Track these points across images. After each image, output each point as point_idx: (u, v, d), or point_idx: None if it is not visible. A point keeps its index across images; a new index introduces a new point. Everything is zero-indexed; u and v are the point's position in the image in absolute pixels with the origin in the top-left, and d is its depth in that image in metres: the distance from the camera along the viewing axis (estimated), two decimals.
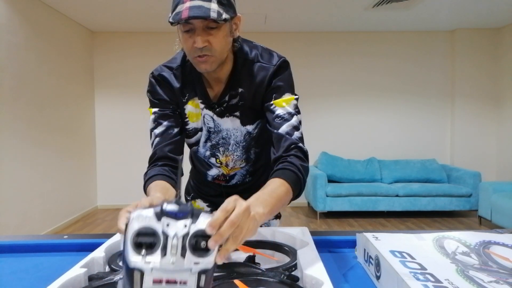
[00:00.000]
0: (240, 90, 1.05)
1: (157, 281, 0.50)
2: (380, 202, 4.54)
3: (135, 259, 0.50)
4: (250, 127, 1.10)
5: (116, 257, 0.84)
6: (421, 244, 0.81)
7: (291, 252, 0.86)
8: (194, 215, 0.51)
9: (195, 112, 1.09)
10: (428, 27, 5.08)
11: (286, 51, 5.24)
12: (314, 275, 0.68)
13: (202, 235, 0.51)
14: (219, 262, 0.53)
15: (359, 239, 0.90)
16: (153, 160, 1.03)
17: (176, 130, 1.06)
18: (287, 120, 0.99)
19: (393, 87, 5.32)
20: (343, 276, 0.83)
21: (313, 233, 1.03)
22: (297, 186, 0.90)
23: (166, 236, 0.50)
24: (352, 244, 0.99)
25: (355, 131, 5.34)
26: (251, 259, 0.82)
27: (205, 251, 0.51)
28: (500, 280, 0.64)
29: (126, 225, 0.51)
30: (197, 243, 0.51)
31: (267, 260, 0.86)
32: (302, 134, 1.00)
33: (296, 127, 0.99)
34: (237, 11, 0.98)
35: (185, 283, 0.51)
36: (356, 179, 4.87)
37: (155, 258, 0.50)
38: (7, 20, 3.37)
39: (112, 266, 0.79)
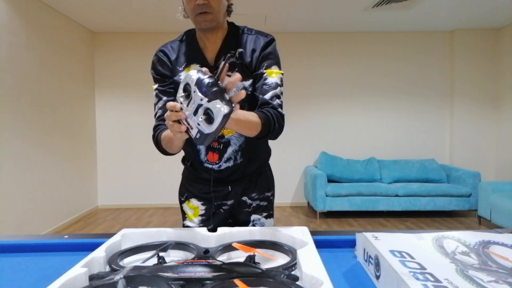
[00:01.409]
0: (232, 52, 1.20)
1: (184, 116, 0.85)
2: (380, 202, 4.54)
3: (179, 95, 0.86)
4: (246, 83, 1.22)
5: (117, 257, 0.84)
6: (421, 244, 0.82)
7: (291, 251, 0.86)
8: (210, 96, 0.79)
9: None
10: (427, 27, 5.08)
11: (286, 51, 5.24)
12: (314, 275, 0.68)
13: (206, 111, 0.81)
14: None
15: (359, 239, 0.90)
16: (157, 125, 1.22)
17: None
18: (274, 88, 1.18)
19: (393, 87, 5.32)
20: (342, 275, 0.83)
21: (313, 233, 1.03)
22: (267, 125, 1.11)
23: (191, 97, 0.82)
24: (352, 243, 0.99)
25: (355, 131, 5.35)
26: (251, 259, 0.82)
27: (207, 121, 0.81)
28: (499, 280, 0.65)
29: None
30: (203, 114, 0.81)
31: (267, 260, 0.87)
32: (282, 102, 1.19)
33: (278, 96, 1.18)
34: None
35: (191, 127, 0.85)
36: (355, 179, 4.87)
37: (185, 103, 0.84)
38: (8, 20, 3.37)
39: (112, 265, 0.79)
